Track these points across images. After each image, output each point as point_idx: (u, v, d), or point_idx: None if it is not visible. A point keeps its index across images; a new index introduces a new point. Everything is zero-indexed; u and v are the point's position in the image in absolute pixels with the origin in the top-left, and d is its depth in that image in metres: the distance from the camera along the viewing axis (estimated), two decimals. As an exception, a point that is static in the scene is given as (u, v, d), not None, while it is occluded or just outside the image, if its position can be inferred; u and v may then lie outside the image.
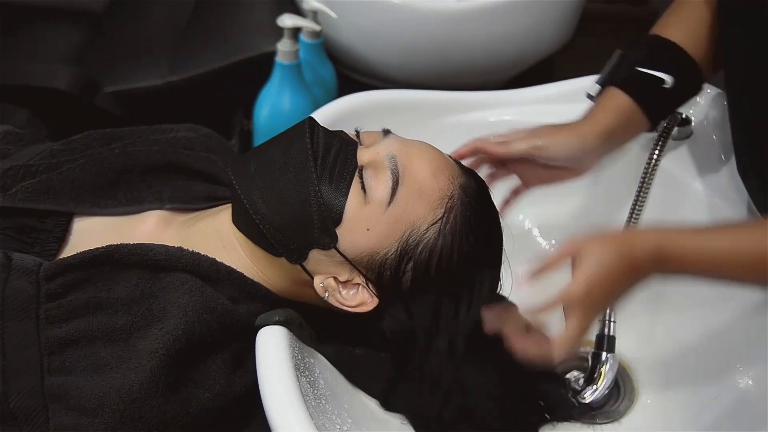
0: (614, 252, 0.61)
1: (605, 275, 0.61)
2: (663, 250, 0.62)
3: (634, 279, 0.63)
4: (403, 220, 0.65)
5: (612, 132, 0.77)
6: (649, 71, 0.78)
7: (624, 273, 0.62)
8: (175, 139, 0.82)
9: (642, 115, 0.78)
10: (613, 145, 0.79)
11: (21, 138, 0.82)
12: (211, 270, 0.67)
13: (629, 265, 0.62)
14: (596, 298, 0.61)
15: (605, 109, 0.78)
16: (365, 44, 1.15)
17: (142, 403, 0.59)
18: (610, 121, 0.77)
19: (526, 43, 1.16)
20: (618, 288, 0.63)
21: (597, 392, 0.83)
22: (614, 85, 0.79)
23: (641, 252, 0.62)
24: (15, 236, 0.69)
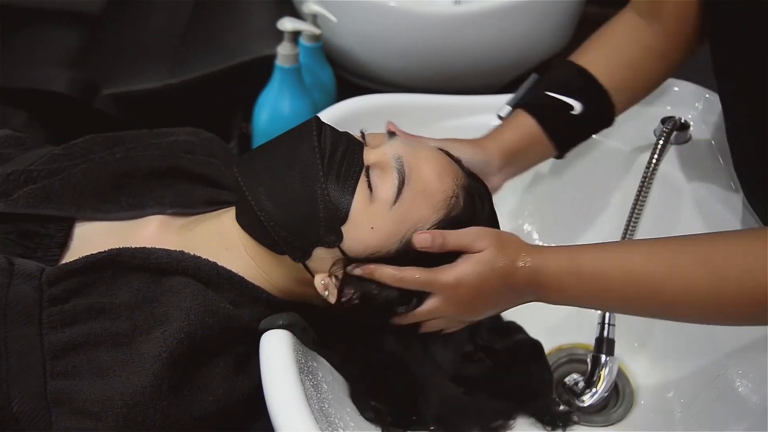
0: (497, 265, 0.63)
1: (478, 281, 0.63)
2: (539, 272, 0.64)
3: (510, 296, 0.66)
4: (407, 220, 0.66)
5: (514, 152, 0.78)
6: (558, 96, 0.80)
7: (497, 287, 0.64)
8: (177, 143, 0.82)
9: (547, 140, 0.80)
10: (517, 166, 0.80)
11: (22, 142, 0.82)
12: (211, 274, 0.68)
13: (504, 283, 0.64)
14: (462, 295, 0.64)
15: (510, 129, 0.80)
16: (364, 48, 1.15)
17: (145, 406, 0.59)
18: (512, 141, 0.79)
19: (523, 47, 1.16)
20: (488, 298, 0.65)
21: (596, 395, 0.84)
22: (522, 108, 0.81)
23: (519, 273, 0.64)
24: (17, 241, 0.69)
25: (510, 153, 0.78)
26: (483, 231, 0.66)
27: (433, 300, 0.65)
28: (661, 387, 0.85)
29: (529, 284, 0.64)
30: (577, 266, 0.63)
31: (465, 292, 0.64)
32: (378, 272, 0.64)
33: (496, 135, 0.80)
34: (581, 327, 0.91)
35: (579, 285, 0.63)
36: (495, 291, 0.65)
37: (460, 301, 0.65)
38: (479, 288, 0.64)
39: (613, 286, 0.62)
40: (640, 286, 0.61)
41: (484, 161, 0.77)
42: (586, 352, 0.89)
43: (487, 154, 0.77)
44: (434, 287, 0.64)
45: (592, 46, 0.83)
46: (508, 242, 0.65)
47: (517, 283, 0.64)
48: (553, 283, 0.64)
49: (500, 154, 0.78)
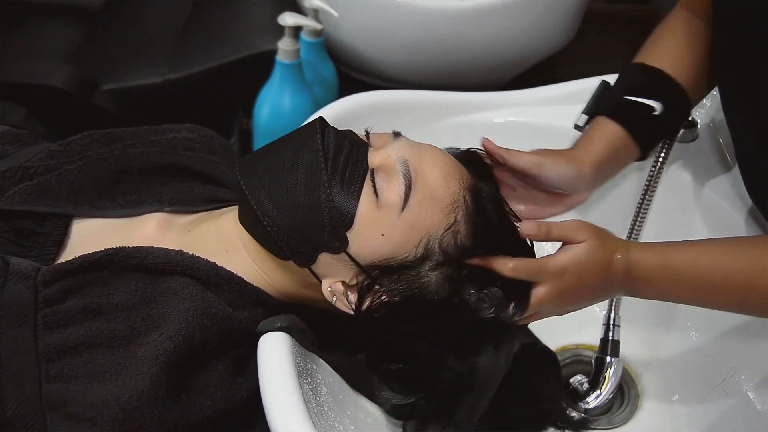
0: (597, 256, 0.65)
1: (582, 269, 0.65)
2: (634, 269, 0.66)
3: (606, 288, 0.68)
4: (419, 226, 0.64)
5: (604, 162, 0.77)
6: (637, 99, 0.78)
7: (596, 278, 0.66)
8: (176, 140, 0.81)
9: (633, 144, 0.78)
10: (605, 176, 0.79)
11: (19, 138, 0.80)
12: (210, 274, 0.66)
13: (603, 274, 0.66)
14: (566, 283, 0.65)
15: (596, 139, 0.78)
16: (367, 43, 1.14)
17: (141, 411, 0.58)
18: (602, 151, 0.77)
19: (528, 43, 1.15)
20: (587, 288, 0.67)
21: (601, 397, 0.83)
22: (603, 115, 0.79)
23: (617, 266, 0.66)
24: (13, 240, 0.68)
25: (601, 164, 0.77)
26: (582, 224, 0.67)
27: (540, 289, 0.65)
28: (667, 390, 0.83)
29: (624, 277, 0.66)
30: (669, 263, 0.66)
31: (569, 281, 0.65)
32: (492, 262, 0.65)
33: (585, 146, 0.78)
34: (585, 327, 0.90)
35: (670, 281, 0.66)
36: (594, 281, 0.66)
37: (564, 290, 0.65)
38: (581, 278, 0.65)
39: (702, 283, 0.66)
40: (730, 284, 0.65)
41: (576, 174, 0.75)
42: (590, 353, 0.88)
43: (581, 167, 0.76)
44: (542, 275, 0.64)
45: (656, 47, 0.82)
46: (606, 236, 0.67)
47: (613, 275, 0.66)
48: (646, 278, 0.66)
49: (593, 166, 0.76)
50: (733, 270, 0.65)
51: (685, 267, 0.66)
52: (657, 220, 0.86)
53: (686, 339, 0.85)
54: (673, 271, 0.66)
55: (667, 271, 0.66)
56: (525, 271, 0.64)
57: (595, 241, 0.65)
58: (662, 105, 0.78)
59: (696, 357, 0.82)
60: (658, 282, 0.67)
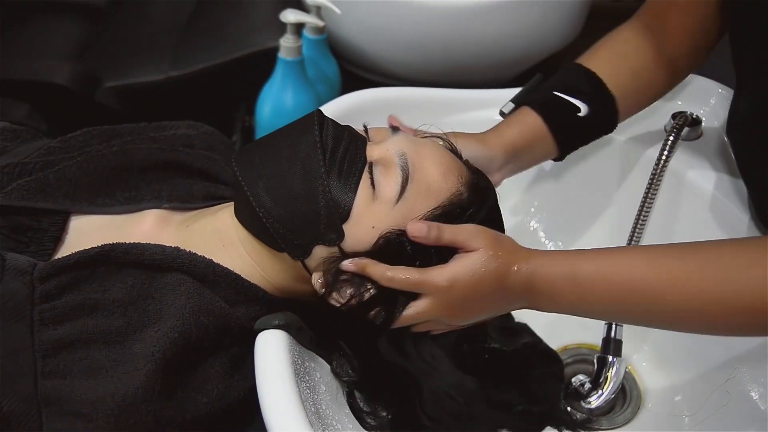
0: (491, 266, 0.61)
1: (471, 281, 0.61)
2: (535, 277, 0.62)
3: (502, 301, 0.63)
4: (409, 219, 0.63)
5: (516, 149, 0.77)
6: (565, 96, 0.78)
7: (491, 290, 0.61)
8: (175, 137, 0.81)
9: (550, 139, 0.78)
10: (517, 164, 0.78)
11: (18, 135, 0.80)
12: (207, 271, 0.66)
13: (498, 286, 0.61)
14: (455, 296, 0.61)
15: (513, 126, 0.78)
16: (369, 40, 1.13)
17: (137, 408, 0.57)
18: (516, 137, 0.77)
19: (532, 40, 1.14)
20: (479, 301, 0.62)
21: (602, 397, 0.82)
22: (528, 105, 0.79)
23: (515, 277, 0.61)
24: (10, 235, 0.67)
25: (513, 150, 0.77)
26: (479, 230, 0.63)
27: (423, 302, 0.61)
28: (670, 390, 0.83)
29: (524, 290, 0.62)
30: (573, 272, 0.61)
31: (457, 294, 0.61)
32: (369, 268, 0.62)
33: (499, 131, 0.78)
34: (588, 327, 0.89)
35: (574, 292, 0.61)
36: (488, 294, 0.62)
37: (452, 303, 0.62)
38: (472, 289, 0.61)
39: (611, 294, 0.60)
40: (640, 296, 0.59)
41: (488, 157, 0.76)
42: (592, 352, 0.88)
43: (491, 149, 0.76)
44: (426, 288, 0.61)
45: (599, 52, 0.82)
46: (505, 244, 0.63)
47: (510, 288, 0.62)
48: (548, 290, 0.62)
49: (503, 150, 0.76)
50: (643, 281, 0.59)
51: (592, 276, 0.60)
52: (660, 219, 0.85)
53: (689, 338, 0.84)
54: (577, 280, 0.60)
55: (571, 281, 0.61)
56: (404, 283, 0.60)
57: (490, 250, 0.61)
58: (588, 108, 0.78)
59: (699, 357, 0.81)
60: (561, 294, 0.61)
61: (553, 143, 0.78)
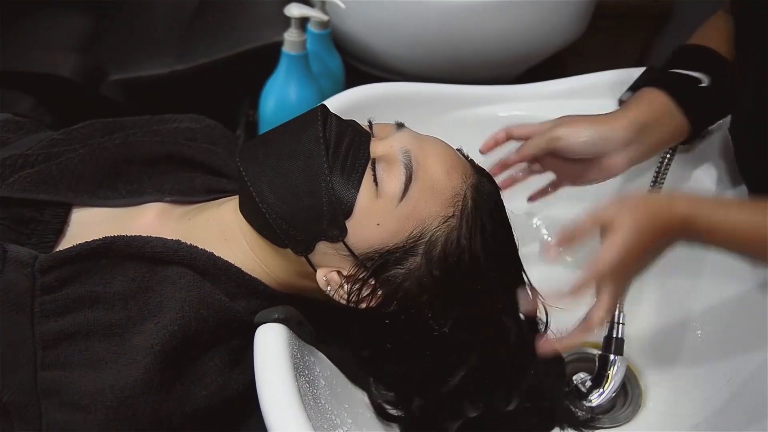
0: (646, 222, 0.62)
1: (636, 243, 0.61)
2: (692, 219, 0.62)
3: (664, 245, 0.64)
4: (414, 217, 0.64)
5: (641, 123, 0.72)
6: (683, 71, 0.75)
7: (654, 240, 0.63)
8: (178, 130, 0.81)
9: (678, 112, 0.74)
10: (645, 143, 0.74)
11: (21, 126, 0.80)
12: (208, 264, 0.66)
13: (660, 234, 0.62)
14: (628, 266, 0.62)
15: (634, 104, 0.75)
16: (373, 36, 1.13)
17: (135, 400, 0.57)
18: (639, 112, 0.73)
19: (537, 37, 1.14)
20: (648, 255, 0.64)
21: (603, 395, 0.82)
22: (646, 86, 0.76)
23: (672, 221, 0.62)
24: (12, 227, 0.68)
25: (638, 126, 0.71)
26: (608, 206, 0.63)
27: (605, 290, 0.63)
28: (671, 389, 0.82)
29: (684, 231, 0.63)
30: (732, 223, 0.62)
31: (630, 262, 0.62)
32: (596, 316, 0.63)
33: (619, 110, 0.74)
34: (590, 325, 0.89)
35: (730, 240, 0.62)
36: (653, 248, 0.63)
37: (628, 271, 0.63)
38: (640, 252, 0.62)
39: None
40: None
41: (599, 135, 0.71)
42: (594, 351, 0.87)
43: (603, 127, 0.71)
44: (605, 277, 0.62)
45: (704, 32, 0.80)
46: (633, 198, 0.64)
47: (670, 233, 0.63)
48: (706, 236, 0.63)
49: (626, 127, 0.71)
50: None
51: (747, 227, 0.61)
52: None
53: (691, 338, 0.83)
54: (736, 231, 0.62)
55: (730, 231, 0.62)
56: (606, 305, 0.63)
57: (636, 213, 0.62)
58: (710, 78, 0.74)
59: (701, 356, 0.81)
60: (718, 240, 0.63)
61: (682, 117, 0.73)
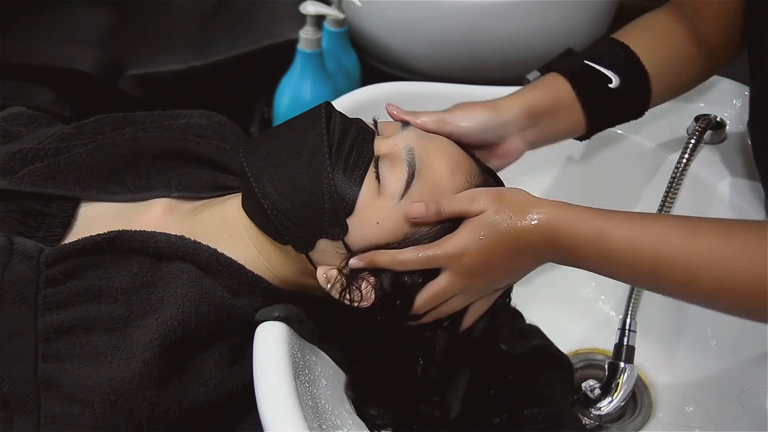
0: (501, 225, 0.59)
1: (484, 244, 0.60)
2: (559, 231, 0.59)
3: (527, 257, 0.61)
4: None
5: (539, 113, 0.71)
6: (597, 66, 0.73)
7: (508, 248, 0.60)
8: (188, 126, 0.81)
9: (577, 107, 0.72)
10: (540, 132, 0.72)
11: (34, 120, 0.81)
12: (211, 260, 0.66)
13: (515, 243, 0.60)
14: (471, 263, 0.60)
15: (536, 87, 0.73)
16: (391, 34, 1.12)
17: (132, 394, 0.57)
18: (535, 96, 0.72)
19: (556, 38, 1.12)
20: (501, 262, 0.61)
21: (612, 404, 0.81)
22: (555, 71, 0.74)
23: (533, 232, 0.59)
24: (20, 220, 0.68)
25: (534, 113, 0.71)
26: (480, 190, 0.62)
27: (442, 276, 0.61)
28: (681, 400, 0.80)
29: (546, 243, 0.59)
30: (600, 234, 0.57)
31: (472, 259, 0.60)
32: (378, 258, 0.62)
33: (518, 93, 0.73)
34: (600, 332, 0.88)
35: (601, 255, 0.58)
36: (505, 251, 0.60)
37: (472, 270, 0.61)
38: (487, 252, 0.60)
39: (641, 263, 0.57)
40: (673, 270, 0.56)
41: (500, 122, 0.70)
42: (604, 357, 0.86)
43: (503, 112, 0.70)
44: (438, 261, 0.61)
45: (634, 29, 0.78)
46: (510, 197, 0.61)
47: (529, 242, 0.59)
48: (573, 247, 0.58)
49: (522, 112, 0.70)
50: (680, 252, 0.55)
51: (623, 243, 0.57)
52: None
53: (705, 348, 0.81)
54: (605, 243, 0.57)
55: (598, 243, 0.57)
56: (416, 262, 0.61)
57: (496, 208, 0.59)
58: (621, 81, 0.72)
59: (714, 367, 0.79)
60: (587, 255, 0.58)
61: (581, 113, 0.72)
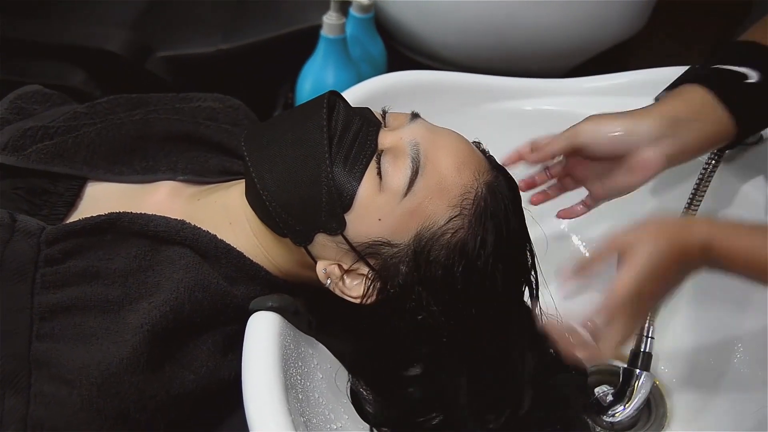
0: (665, 246, 0.58)
1: (655, 272, 0.58)
2: (711, 245, 0.58)
3: (684, 273, 0.61)
4: (419, 214, 0.61)
5: (675, 117, 0.66)
6: (729, 67, 0.69)
7: (674, 268, 0.59)
8: (199, 109, 0.80)
9: (720, 107, 0.67)
10: (680, 139, 0.66)
11: (48, 98, 0.81)
12: (209, 246, 0.65)
13: (680, 260, 0.59)
14: (645, 296, 0.59)
15: (669, 97, 0.69)
16: (419, 21, 1.09)
17: (120, 378, 0.57)
18: (674, 106, 0.67)
19: (592, 30, 1.08)
20: (667, 285, 0.61)
21: (625, 412, 0.78)
22: (685, 83, 0.70)
23: (692, 246, 0.59)
24: (25, 197, 0.69)
25: (672, 119, 0.66)
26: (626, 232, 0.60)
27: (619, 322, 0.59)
28: (697, 411, 0.77)
29: (703, 258, 0.59)
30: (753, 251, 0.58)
31: (647, 295, 0.59)
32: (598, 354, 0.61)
33: (651, 105, 0.69)
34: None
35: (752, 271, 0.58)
36: (671, 276, 0.60)
37: (643, 306, 0.61)
38: (658, 285, 0.59)
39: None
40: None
41: (632, 129, 0.66)
42: (620, 363, 0.83)
43: (637, 120, 0.66)
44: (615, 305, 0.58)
45: (756, 29, 0.73)
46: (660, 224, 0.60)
47: (690, 261, 0.59)
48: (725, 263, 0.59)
49: (656, 119, 0.66)
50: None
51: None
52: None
53: (728, 360, 0.77)
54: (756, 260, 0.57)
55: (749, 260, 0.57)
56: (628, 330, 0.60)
57: (647, 237, 0.58)
58: (760, 74, 0.67)
59: (735, 380, 0.75)
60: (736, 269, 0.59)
61: (726, 114, 0.67)
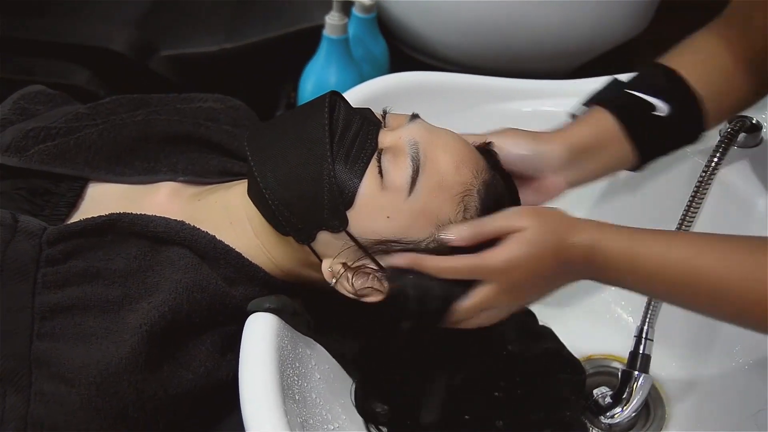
0: (548, 243, 0.59)
1: (531, 261, 0.59)
2: (596, 251, 0.60)
3: (565, 275, 0.62)
4: (429, 213, 0.61)
5: (583, 149, 0.69)
6: (641, 95, 0.71)
7: (552, 264, 0.60)
8: (200, 110, 0.81)
9: (626, 141, 0.70)
10: (584, 168, 0.70)
11: (52, 99, 0.82)
12: (208, 247, 0.66)
13: (559, 258, 0.60)
14: (516, 279, 0.60)
15: (580, 123, 0.72)
16: (422, 21, 1.09)
17: (119, 377, 0.58)
18: (582, 134, 0.70)
19: (595, 30, 1.08)
20: (544, 279, 0.61)
21: (623, 414, 0.78)
22: (598, 104, 0.72)
23: (575, 248, 0.60)
24: (27, 198, 0.69)
25: (577, 149, 0.69)
26: (518, 208, 0.62)
27: (484, 288, 0.60)
28: (696, 415, 0.77)
29: (584, 262, 0.60)
30: (634, 254, 0.60)
31: (519, 275, 0.59)
32: (423, 261, 0.60)
33: (563, 128, 0.72)
34: (616, 338, 0.85)
35: (634, 273, 0.60)
36: (549, 270, 0.60)
37: (515, 286, 0.60)
38: (533, 269, 0.60)
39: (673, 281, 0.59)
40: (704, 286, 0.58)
41: (540, 154, 0.68)
42: (618, 365, 0.83)
43: (546, 144, 0.69)
44: (483, 273, 0.59)
45: (681, 51, 0.75)
46: (553, 216, 0.61)
47: (570, 261, 0.60)
48: (606, 266, 0.60)
49: (564, 147, 0.69)
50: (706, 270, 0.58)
51: (655, 261, 0.59)
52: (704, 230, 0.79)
53: (728, 362, 0.78)
54: (639, 263, 0.59)
55: (631, 263, 0.59)
56: (461, 271, 0.59)
57: (542, 226, 0.59)
58: (669, 108, 0.70)
59: (734, 384, 0.75)
60: (620, 273, 0.60)
61: (628, 146, 0.70)
